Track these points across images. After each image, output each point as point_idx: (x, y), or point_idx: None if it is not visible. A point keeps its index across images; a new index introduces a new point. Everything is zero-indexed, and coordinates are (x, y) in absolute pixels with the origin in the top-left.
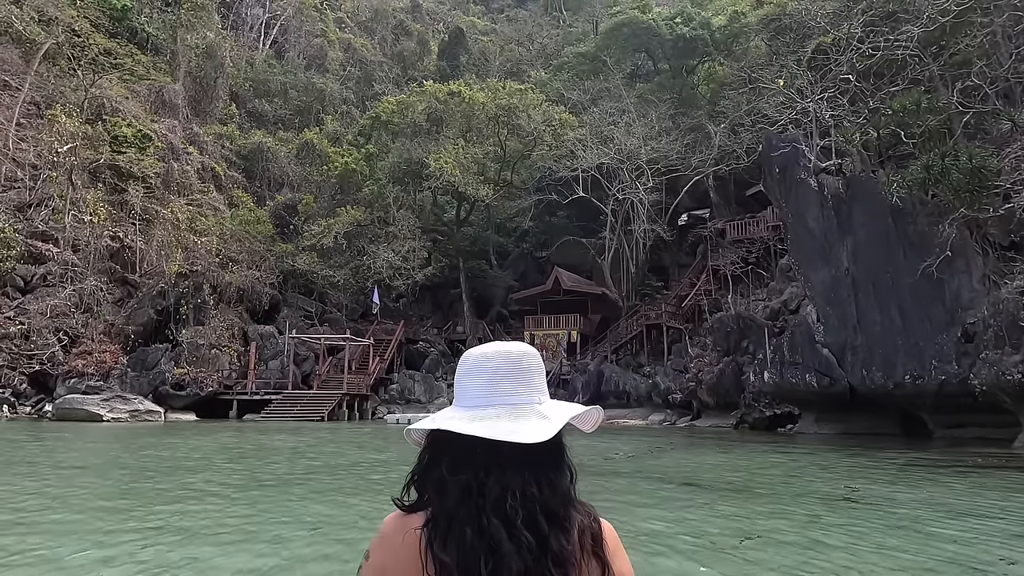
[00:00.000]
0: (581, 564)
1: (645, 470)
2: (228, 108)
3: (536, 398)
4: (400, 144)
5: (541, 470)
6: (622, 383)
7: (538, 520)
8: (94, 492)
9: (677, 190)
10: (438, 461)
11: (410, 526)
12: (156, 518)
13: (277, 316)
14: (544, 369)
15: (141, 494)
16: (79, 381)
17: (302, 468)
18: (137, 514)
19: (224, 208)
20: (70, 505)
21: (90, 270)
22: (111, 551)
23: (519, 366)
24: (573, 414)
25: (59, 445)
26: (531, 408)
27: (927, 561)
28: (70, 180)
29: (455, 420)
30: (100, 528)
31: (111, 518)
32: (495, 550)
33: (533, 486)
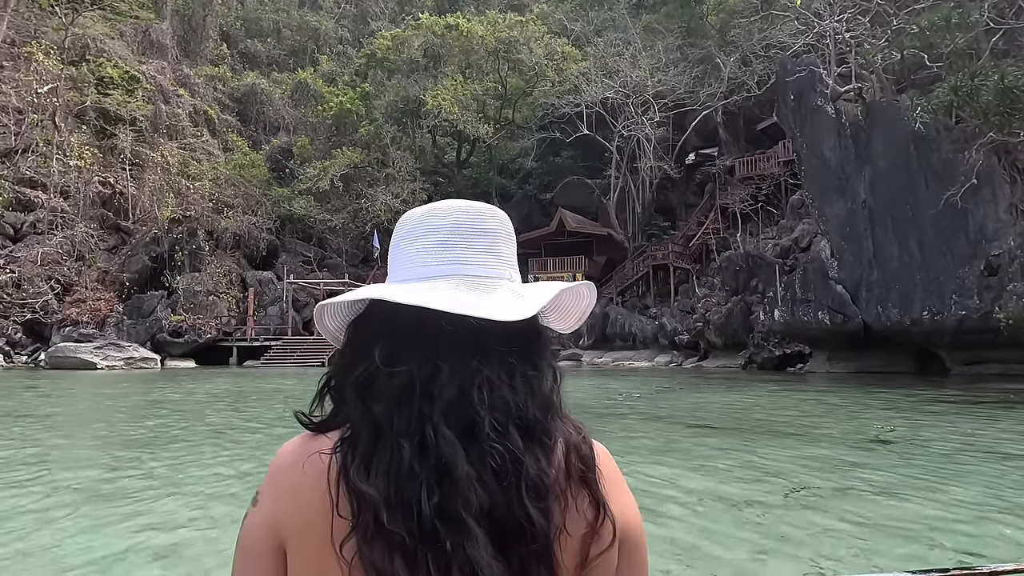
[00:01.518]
0: (567, 496)
1: (651, 412)
2: (219, 48)
3: (506, 272)
4: (396, 82)
5: (515, 363)
6: (628, 325)
7: (509, 432)
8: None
9: (685, 126)
10: (366, 352)
11: (316, 449)
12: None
13: (275, 262)
14: (515, 242)
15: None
16: (74, 329)
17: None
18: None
19: (218, 152)
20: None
21: (80, 217)
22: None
23: (484, 226)
24: (556, 292)
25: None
26: (500, 283)
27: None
28: (54, 123)
29: (387, 289)
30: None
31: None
32: (446, 475)
33: (504, 384)
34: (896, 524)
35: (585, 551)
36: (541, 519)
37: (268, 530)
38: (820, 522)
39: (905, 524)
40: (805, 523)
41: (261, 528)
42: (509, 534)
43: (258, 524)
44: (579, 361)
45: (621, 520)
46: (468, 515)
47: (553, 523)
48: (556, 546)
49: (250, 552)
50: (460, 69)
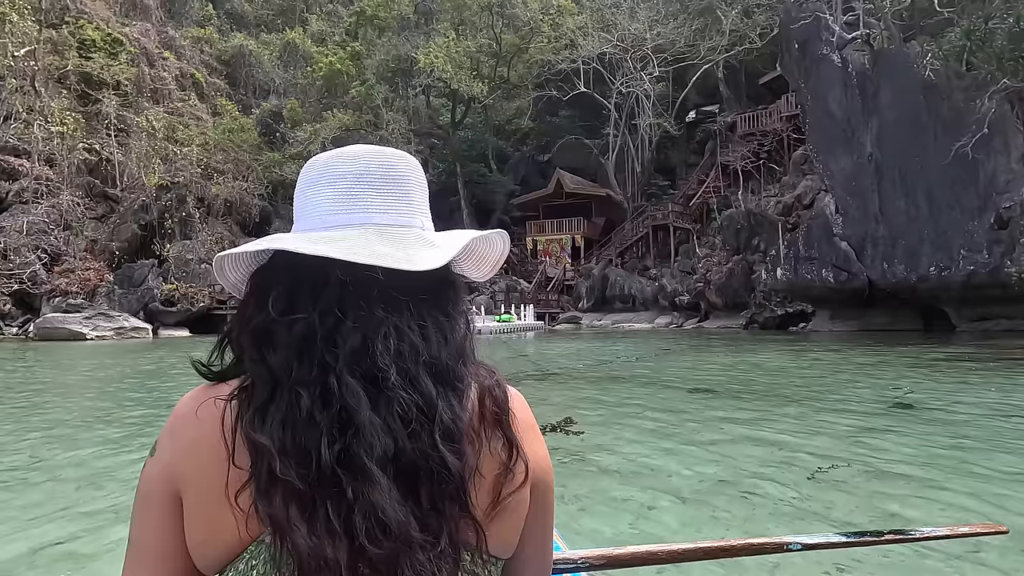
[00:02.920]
0: (480, 437)
1: (650, 375)
2: (205, 9)
3: (418, 220)
4: (387, 40)
5: (425, 311)
6: (627, 286)
7: (420, 379)
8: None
9: (685, 82)
10: (265, 302)
11: (214, 395)
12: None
13: (268, 228)
14: (427, 189)
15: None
16: (64, 300)
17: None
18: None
19: (207, 117)
20: None
21: (66, 185)
22: None
23: (395, 172)
24: (467, 240)
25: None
26: (411, 232)
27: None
28: (34, 88)
29: (287, 240)
30: None
31: None
32: (348, 423)
33: (414, 332)
34: (944, 500)
35: (498, 490)
36: (455, 461)
37: (164, 480)
38: (862, 510)
39: (958, 501)
40: (844, 509)
41: (158, 478)
42: (422, 478)
43: (155, 474)
44: (578, 323)
45: (533, 462)
46: (371, 461)
47: (467, 464)
48: (470, 485)
49: (146, 501)
50: (453, 26)
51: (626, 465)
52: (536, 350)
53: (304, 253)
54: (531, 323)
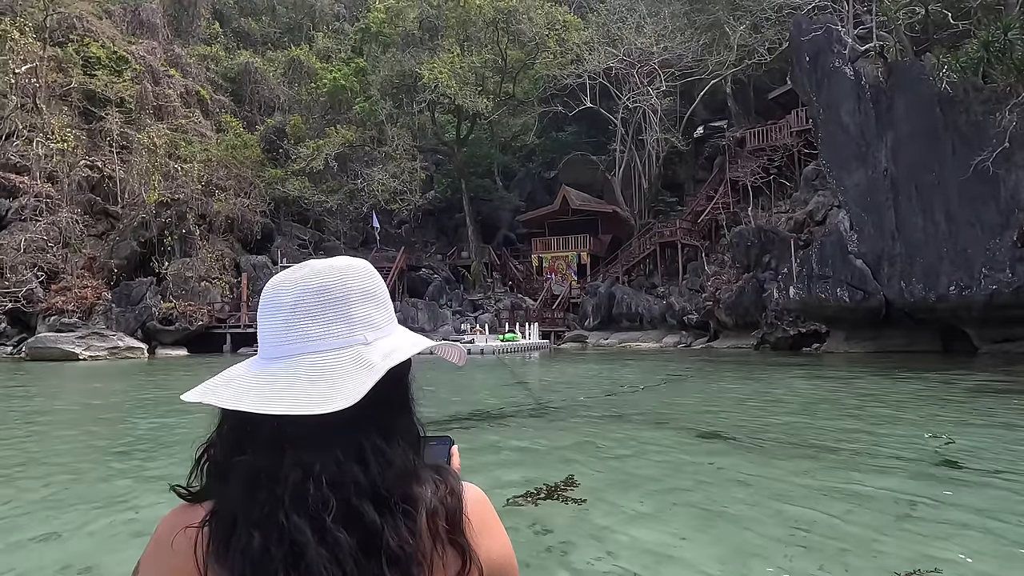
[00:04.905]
0: (432, 558)
1: (658, 411)
2: (211, 28)
3: (360, 335)
4: (391, 56)
5: (364, 436)
6: (634, 305)
7: (363, 510)
8: None
9: (692, 96)
10: (221, 436)
11: (186, 523)
12: None
13: (271, 246)
14: (384, 290)
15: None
16: (59, 319)
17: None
18: None
19: (211, 134)
20: None
21: (66, 202)
22: None
23: (331, 293)
24: (412, 351)
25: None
26: (349, 352)
27: None
28: (35, 105)
29: (228, 384)
30: None
31: None
32: (299, 557)
33: (352, 463)
34: None
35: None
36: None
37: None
38: None
39: None
40: None
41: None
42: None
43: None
44: (584, 342)
45: (488, 561)
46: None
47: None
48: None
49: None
50: (458, 41)
51: (636, 557)
52: (537, 376)
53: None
54: (536, 342)
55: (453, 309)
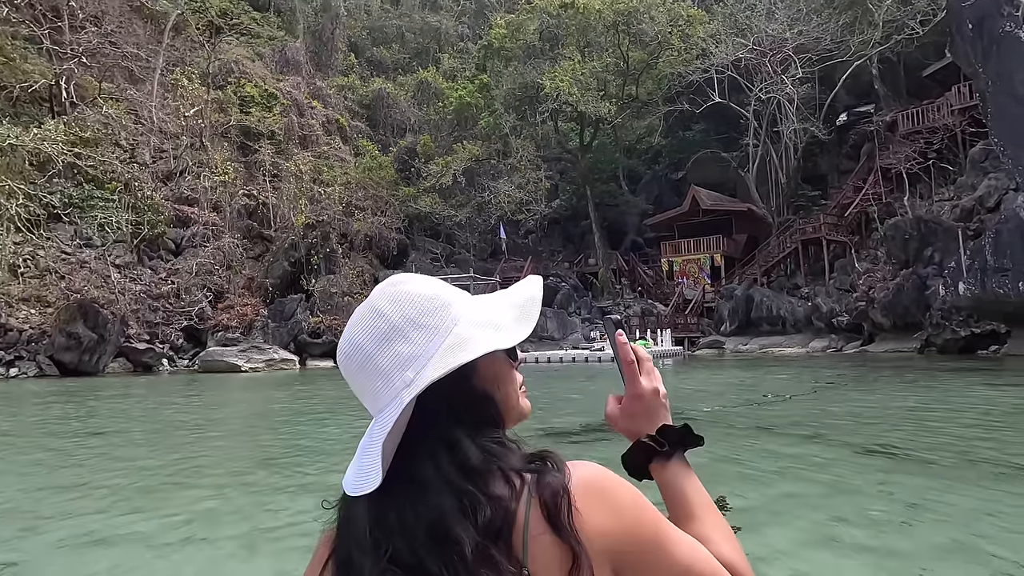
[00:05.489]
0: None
1: (810, 422)
2: (348, 59)
3: (399, 380)
4: (514, 69)
5: (422, 463)
6: (775, 307)
7: (416, 549)
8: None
9: (833, 81)
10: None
11: (321, 554)
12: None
13: (406, 261)
14: (414, 302)
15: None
16: (225, 334)
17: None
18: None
19: (350, 158)
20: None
21: (228, 228)
22: None
23: (363, 353)
24: (439, 372)
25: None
26: (391, 409)
27: None
28: (202, 143)
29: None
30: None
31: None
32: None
33: (391, 513)
34: None
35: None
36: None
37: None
38: None
39: None
40: None
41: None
42: None
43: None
44: (721, 348)
45: (609, 541)
46: None
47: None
48: None
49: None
50: (578, 48)
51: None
52: (672, 385)
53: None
54: (669, 349)
55: (582, 317)
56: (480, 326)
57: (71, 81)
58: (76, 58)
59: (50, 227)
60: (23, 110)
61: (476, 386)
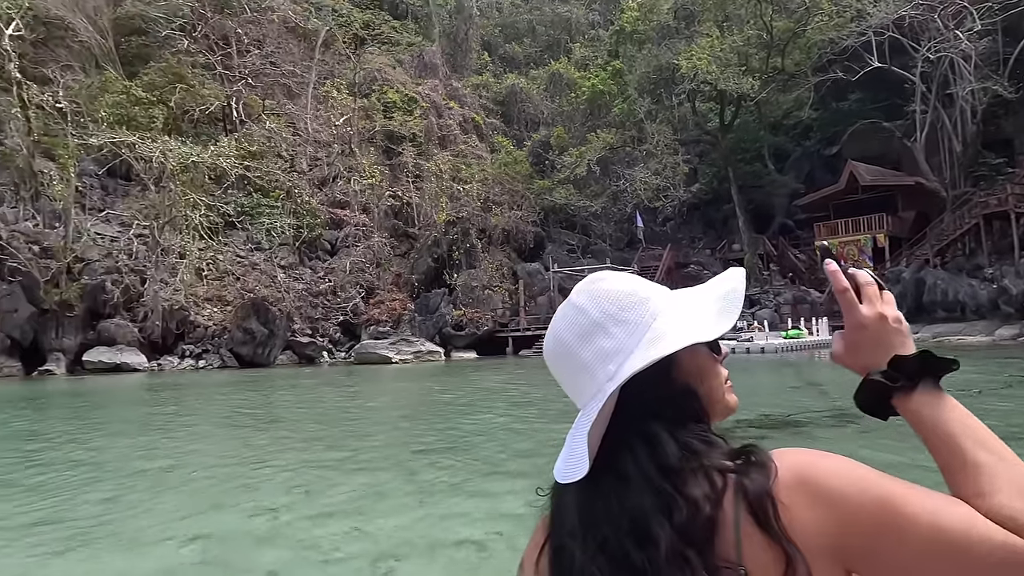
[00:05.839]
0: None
1: (1004, 426)
2: (481, 58)
3: (602, 374)
4: (647, 52)
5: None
6: (952, 291)
7: (622, 540)
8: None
9: (1021, 31)
10: None
11: (538, 539)
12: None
13: (542, 253)
14: (612, 296)
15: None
16: (376, 328)
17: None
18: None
19: (486, 155)
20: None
21: (376, 228)
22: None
23: (566, 348)
24: (638, 366)
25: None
26: (596, 400)
27: None
28: (351, 149)
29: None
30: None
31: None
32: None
33: (598, 502)
34: None
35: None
36: None
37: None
38: None
39: None
40: None
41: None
42: None
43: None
44: None
45: (821, 530)
46: None
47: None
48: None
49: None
50: (716, 24)
51: None
52: (830, 378)
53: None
54: (825, 338)
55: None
56: (680, 320)
57: (239, 101)
58: (243, 80)
59: (226, 233)
60: (202, 130)
61: (677, 380)
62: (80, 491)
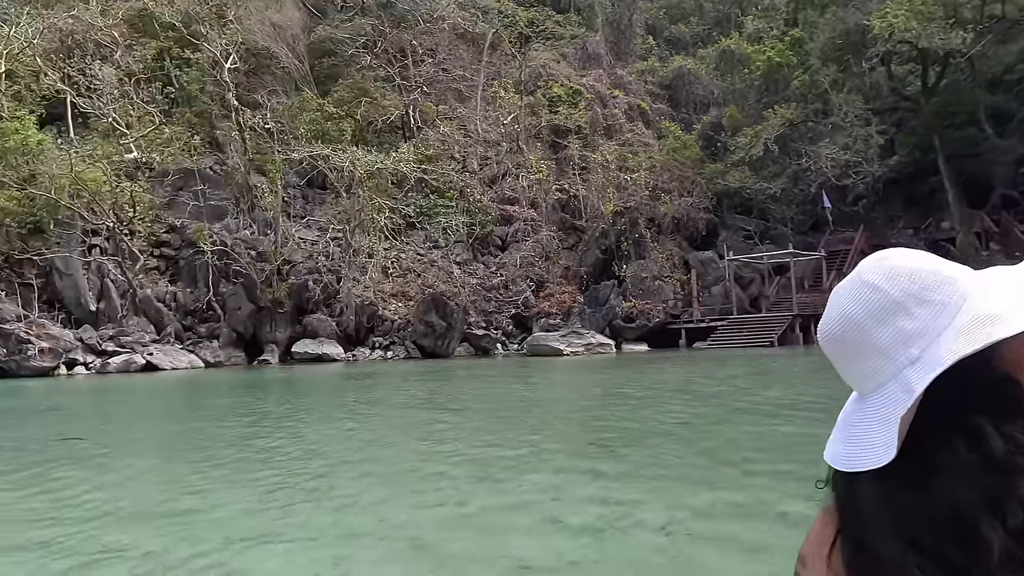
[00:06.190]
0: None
1: None
2: (646, 43)
3: (903, 356)
4: (831, 15)
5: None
6: None
7: (936, 536)
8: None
9: None
10: None
11: (828, 532)
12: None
13: (716, 240)
14: (914, 276)
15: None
16: (547, 320)
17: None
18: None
19: (653, 142)
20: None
21: (545, 222)
22: None
23: (843, 335)
24: (965, 350)
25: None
26: (891, 389)
27: None
28: (519, 146)
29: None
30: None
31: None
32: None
33: (904, 494)
34: None
35: None
36: None
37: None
38: None
39: None
40: None
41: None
42: None
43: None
44: None
45: None
46: None
47: None
48: None
49: None
50: None
51: None
52: None
53: None
54: None
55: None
56: (1000, 303)
57: (416, 109)
58: (419, 88)
59: (407, 233)
60: (384, 139)
61: (998, 368)
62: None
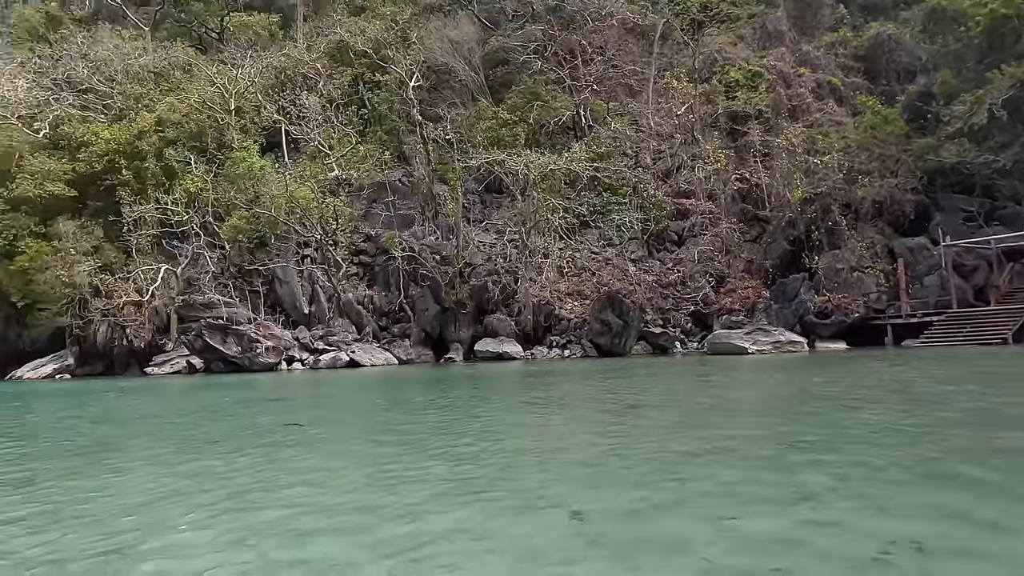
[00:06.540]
0: None
1: None
2: (836, 11)
3: None
4: None
5: None
6: None
7: None
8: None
9: None
10: None
11: None
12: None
13: (927, 225)
14: None
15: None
16: (728, 317)
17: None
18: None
19: (846, 120)
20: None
21: (724, 214)
22: None
23: None
24: None
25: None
26: None
27: None
28: (694, 137)
29: None
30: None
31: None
32: None
33: None
34: None
35: None
36: None
37: None
38: None
39: None
40: None
41: None
42: None
43: None
44: None
45: None
46: None
47: None
48: None
49: None
50: None
51: None
52: None
53: None
54: None
55: None
56: None
57: (586, 108)
58: (589, 87)
59: (581, 233)
60: (556, 140)
61: None
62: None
